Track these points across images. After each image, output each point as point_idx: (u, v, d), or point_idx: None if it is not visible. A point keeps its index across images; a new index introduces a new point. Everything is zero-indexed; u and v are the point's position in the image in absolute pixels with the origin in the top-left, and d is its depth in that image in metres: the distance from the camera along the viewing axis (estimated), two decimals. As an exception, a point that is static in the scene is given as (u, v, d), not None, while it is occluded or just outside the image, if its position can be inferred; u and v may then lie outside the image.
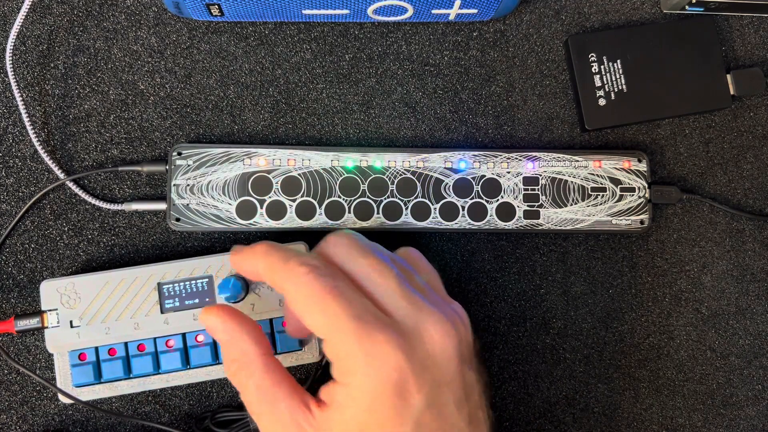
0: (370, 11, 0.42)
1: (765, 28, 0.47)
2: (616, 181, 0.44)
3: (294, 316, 0.33)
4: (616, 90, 0.45)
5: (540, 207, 0.43)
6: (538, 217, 0.43)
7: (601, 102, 0.44)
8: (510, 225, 0.43)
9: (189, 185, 0.42)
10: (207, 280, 0.41)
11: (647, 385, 0.45)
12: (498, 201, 0.43)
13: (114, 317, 0.40)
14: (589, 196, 0.44)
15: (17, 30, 0.41)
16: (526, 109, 0.46)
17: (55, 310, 0.40)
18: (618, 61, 0.45)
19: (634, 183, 0.44)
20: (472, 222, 0.43)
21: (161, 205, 0.42)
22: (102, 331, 0.40)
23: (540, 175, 0.44)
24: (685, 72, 0.45)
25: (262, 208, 0.42)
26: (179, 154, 0.42)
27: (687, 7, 0.46)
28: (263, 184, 0.42)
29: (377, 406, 0.28)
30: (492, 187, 0.43)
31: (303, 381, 0.43)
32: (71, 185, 0.43)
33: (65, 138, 0.44)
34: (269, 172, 0.43)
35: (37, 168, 0.43)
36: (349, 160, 0.43)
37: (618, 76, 0.45)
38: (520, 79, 0.46)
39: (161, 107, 0.44)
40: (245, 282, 0.40)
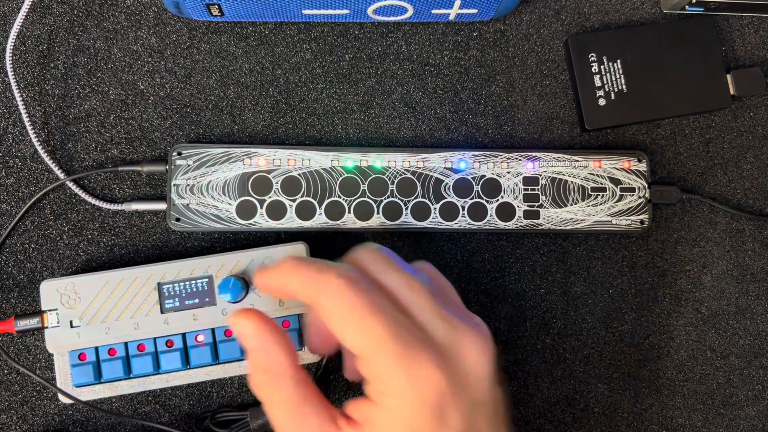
0: (370, 11, 0.42)
1: (765, 28, 0.47)
2: (616, 181, 0.44)
3: (319, 331, 0.32)
4: (616, 90, 0.45)
5: (540, 207, 0.43)
6: (538, 217, 0.43)
7: (601, 102, 0.44)
8: (510, 225, 0.43)
9: (189, 185, 0.42)
10: (207, 280, 0.41)
11: (647, 385, 0.45)
12: (498, 201, 0.43)
13: (114, 317, 0.40)
14: (589, 196, 0.44)
15: (17, 30, 0.41)
16: (526, 109, 0.46)
17: (55, 310, 0.40)
18: (618, 61, 0.45)
19: (634, 183, 0.44)
20: (472, 222, 0.43)
21: (161, 205, 0.42)
22: (102, 331, 0.40)
23: (540, 175, 0.44)
24: (685, 72, 0.45)
25: (262, 208, 0.42)
26: (179, 154, 0.42)
27: (687, 7, 0.46)
28: (263, 184, 0.42)
29: (415, 427, 0.27)
30: (492, 187, 0.43)
31: (303, 381, 0.43)
32: (71, 185, 0.43)
33: (65, 138, 0.44)
34: (269, 172, 0.43)
35: (37, 168, 0.43)
36: (349, 160, 0.43)
37: (618, 76, 0.45)
38: (520, 79, 0.46)
39: (161, 107, 0.44)
40: (245, 282, 0.40)
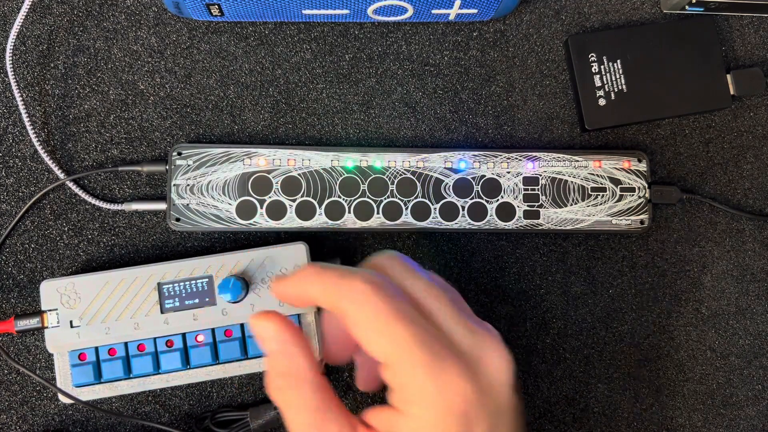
0: (370, 11, 0.42)
1: (765, 28, 0.47)
2: (616, 181, 0.44)
3: (335, 338, 0.31)
4: (616, 90, 0.45)
5: (540, 207, 0.43)
6: (538, 217, 0.43)
7: (601, 102, 0.44)
8: (510, 225, 0.43)
9: (189, 185, 0.42)
10: (207, 280, 0.41)
11: (647, 385, 0.45)
12: (498, 201, 0.43)
13: (114, 317, 0.40)
14: (589, 196, 0.44)
15: (17, 30, 0.41)
16: (526, 109, 0.46)
17: (55, 310, 0.40)
18: (618, 61, 0.45)
19: (634, 183, 0.44)
20: (472, 222, 0.43)
21: (161, 205, 0.42)
22: (102, 331, 0.40)
23: (540, 175, 0.44)
24: (685, 72, 0.45)
25: (262, 208, 0.42)
26: (179, 154, 0.42)
27: (687, 7, 0.46)
28: (263, 184, 0.42)
29: None
30: (492, 187, 0.43)
31: (303, 381, 0.43)
32: (71, 185, 0.43)
33: (65, 138, 0.44)
34: (269, 172, 0.43)
35: (37, 168, 0.43)
36: (349, 160, 0.43)
37: (618, 76, 0.45)
38: (520, 79, 0.46)
39: (161, 107, 0.44)
40: (245, 282, 0.40)
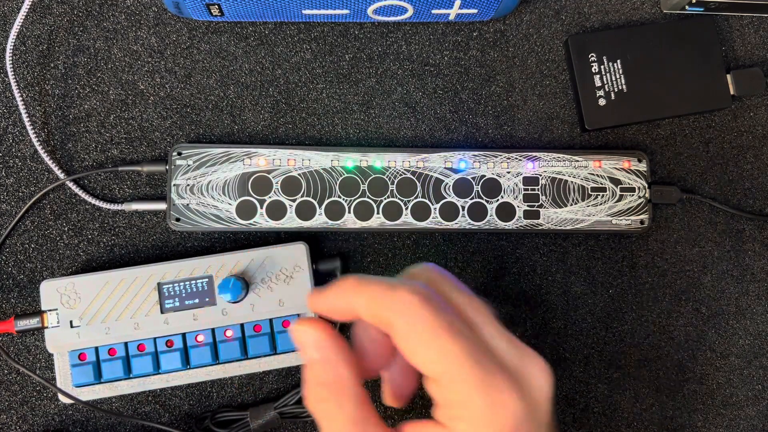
0: (370, 11, 0.42)
1: (765, 28, 0.47)
2: (616, 181, 0.44)
3: (370, 352, 0.29)
4: (616, 90, 0.45)
5: (540, 207, 0.43)
6: (538, 217, 0.43)
7: (601, 102, 0.44)
8: (510, 225, 0.43)
9: (189, 185, 0.42)
10: (207, 280, 0.41)
11: (647, 385, 0.45)
12: (498, 201, 0.43)
13: (114, 317, 0.40)
14: (589, 196, 0.44)
15: (17, 30, 0.41)
16: (526, 109, 0.46)
17: (55, 310, 0.40)
18: (618, 61, 0.45)
19: (634, 183, 0.44)
20: (472, 222, 0.43)
21: (161, 205, 0.42)
22: (102, 331, 0.40)
23: (540, 175, 0.44)
24: (685, 72, 0.45)
25: (262, 208, 0.42)
26: (179, 154, 0.42)
27: (687, 7, 0.46)
28: (263, 184, 0.42)
29: None
30: (492, 187, 0.43)
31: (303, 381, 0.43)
32: (71, 185, 0.43)
33: (65, 138, 0.44)
34: (269, 172, 0.43)
35: (37, 168, 0.43)
36: (349, 160, 0.43)
37: (618, 76, 0.45)
38: (520, 79, 0.46)
39: (161, 107, 0.44)
40: (245, 282, 0.40)
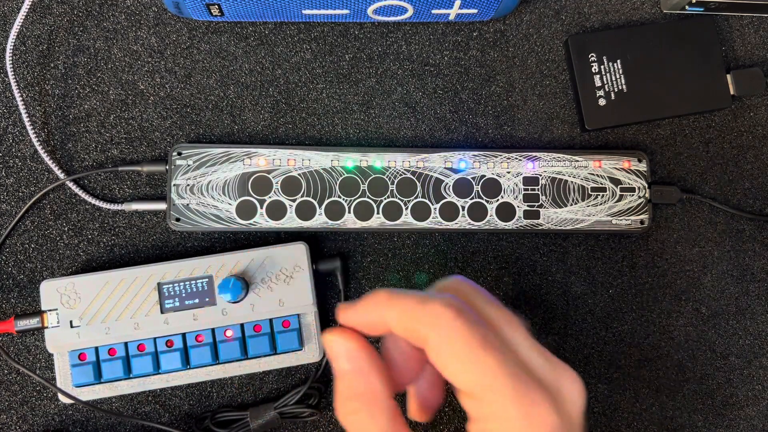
0: (370, 11, 0.42)
1: (765, 28, 0.47)
2: (616, 181, 0.44)
3: (399, 366, 0.29)
4: (616, 90, 0.45)
5: (540, 207, 0.43)
6: (538, 217, 0.43)
7: (601, 102, 0.44)
8: (510, 225, 0.43)
9: (189, 185, 0.42)
10: (207, 280, 0.41)
11: (647, 385, 0.45)
12: (498, 201, 0.43)
13: (114, 317, 0.40)
14: (589, 196, 0.44)
15: (17, 30, 0.41)
16: (526, 109, 0.46)
17: (55, 310, 0.40)
18: (618, 61, 0.45)
19: (634, 183, 0.44)
20: (472, 222, 0.43)
21: (161, 205, 0.42)
22: (102, 331, 0.40)
23: (540, 175, 0.44)
24: (685, 72, 0.45)
25: (262, 208, 0.42)
26: (179, 154, 0.42)
27: (687, 7, 0.46)
28: (263, 184, 0.42)
29: None
30: (492, 187, 0.43)
31: (303, 381, 0.43)
32: (71, 185, 0.43)
33: (65, 138, 0.44)
34: (269, 172, 0.43)
35: (37, 168, 0.43)
36: (349, 160, 0.43)
37: (618, 76, 0.45)
38: (520, 79, 0.46)
39: (161, 107, 0.44)
40: (245, 282, 0.40)
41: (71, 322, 0.40)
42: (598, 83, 0.44)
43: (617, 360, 0.45)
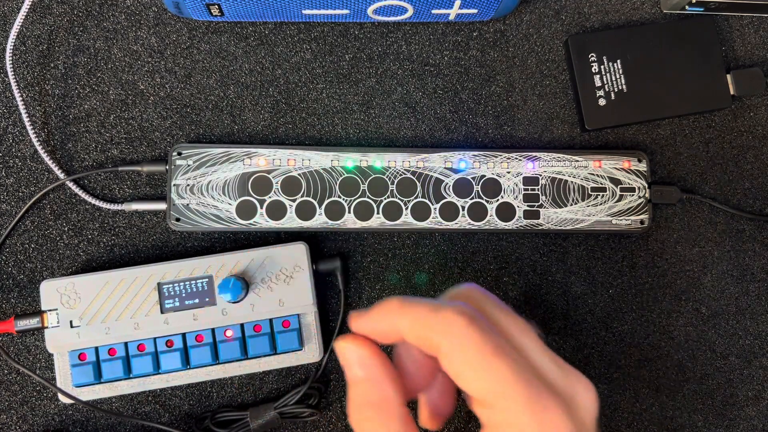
0: (370, 11, 0.42)
1: (765, 28, 0.47)
2: (616, 181, 0.44)
3: (411, 374, 0.29)
4: (616, 90, 0.45)
5: (540, 207, 0.43)
6: (538, 217, 0.43)
7: (601, 102, 0.44)
8: (510, 225, 0.43)
9: (189, 185, 0.42)
10: (207, 280, 0.41)
11: (647, 385, 0.45)
12: (498, 201, 0.43)
13: (114, 317, 0.40)
14: (589, 196, 0.44)
15: (17, 30, 0.41)
16: (526, 109, 0.46)
17: (55, 310, 0.40)
18: (618, 61, 0.45)
19: (634, 183, 0.44)
20: (472, 222, 0.43)
21: (161, 205, 0.42)
22: (102, 331, 0.40)
23: (540, 175, 0.44)
24: (685, 72, 0.45)
25: (262, 208, 0.42)
26: (179, 154, 0.42)
27: (687, 7, 0.46)
28: (263, 184, 0.42)
29: None
30: (492, 187, 0.43)
31: (303, 381, 0.43)
32: (71, 185, 0.43)
33: (65, 138, 0.44)
34: (269, 172, 0.43)
35: (37, 168, 0.43)
36: (349, 160, 0.43)
37: (618, 76, 0.45)
38: (520, 79, 0.46)
39: (161, 107, 0.44)
40: (245, 282, 0.40)
41: (71, 322, 0.40)
42: (598, 83, 0.44)
43: (617, 360, 0.45)
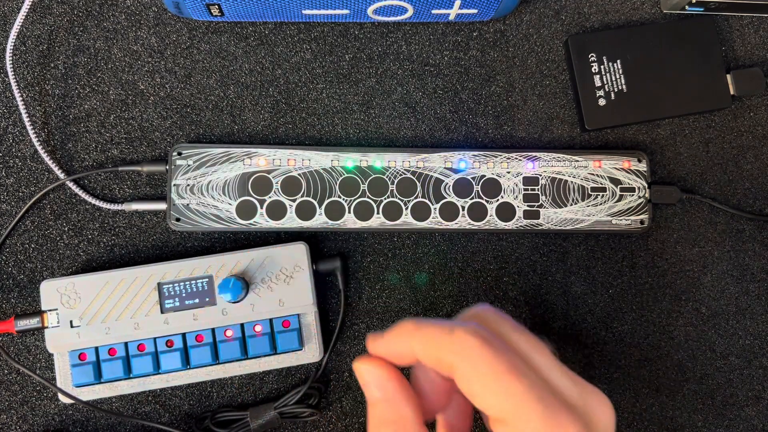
0: (370, 11, 0.42)
1: (765, 28, 0.47)
2: (616, 181, 0.44)
3: (428, 395, 0.30)
4: (616, 90, 0.45)
5: (540, 207, 0.43)
6: (538, 217, 0.43)
7: (601, 102, 0.44)
8: (510, 225, 0.43)
9: (189, 185, 0.42)
10: (207, 280, 0.41)
11: (647, 385, 0.45)
12: (498, 201, 0.43)
13: (114, 317, 0.40)
14: (589, 196, 0.44)
15: (17, 30, 0.41)
16: (526, 109, 0.46)
17: (55, 310, 0.40)
18: (618, 61, 0.45)
19: (634, 183, 0.44)
20: (472, 222, 0.43)
21: (161, 205, 0.42)
22: (102, 331, 0.40)
23: (540, 175, 0.44)
24: (685, 72, 0.45)
25: (262, 208, 0.42)
26: (179, 154, 0.42)
27: (687, 7, 0.46)
28: (263, 184, 0.42)
29: None
30: (492, 187, 0.43)
31: (303, 381, 0.43)
32: (71, 185, 0.43)
33: (65, 138, 0.44)
34: (269, 172, 0.43)
35: (37, 168, 0.43)
36: (349, 160, 0.43)
37: (618, 76, 0.45)
38: (520, 79, 0.46)
39: (161, 107, 0.44)
40: (245, 282, 0.40)
41: (71, 322, 0.40)
42: (598, 83, 0.44)
43: (617, 360, 0.45)
